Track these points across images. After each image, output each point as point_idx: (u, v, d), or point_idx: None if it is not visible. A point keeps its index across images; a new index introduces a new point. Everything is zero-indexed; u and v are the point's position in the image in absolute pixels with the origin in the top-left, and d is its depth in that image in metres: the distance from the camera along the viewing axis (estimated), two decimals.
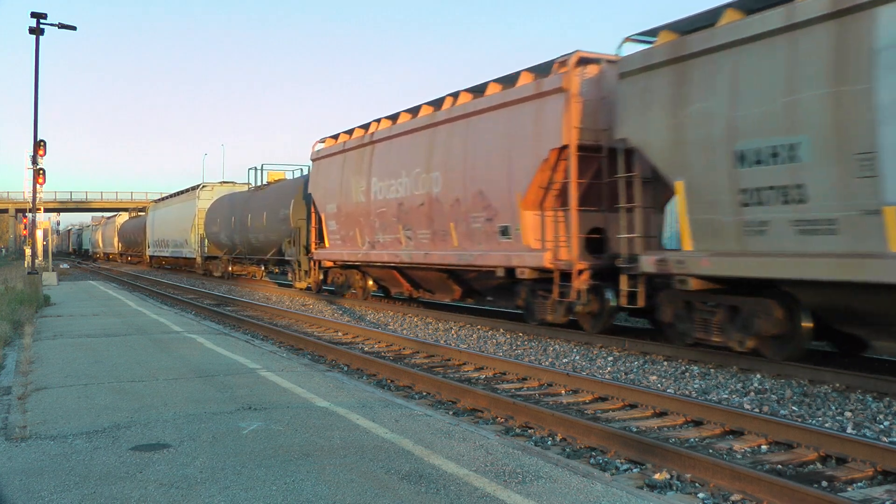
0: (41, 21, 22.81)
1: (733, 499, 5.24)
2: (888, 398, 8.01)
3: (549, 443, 6.79)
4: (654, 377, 9.62)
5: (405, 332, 14.66)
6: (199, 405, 6.92)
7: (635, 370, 10.13)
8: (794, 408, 7.88)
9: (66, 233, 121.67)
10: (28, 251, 30.86)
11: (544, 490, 4.56)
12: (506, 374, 10.12)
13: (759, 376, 9.35)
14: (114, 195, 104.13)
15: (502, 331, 14.16)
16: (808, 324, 9.43)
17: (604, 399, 8.49)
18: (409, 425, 6.18)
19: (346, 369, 10.80)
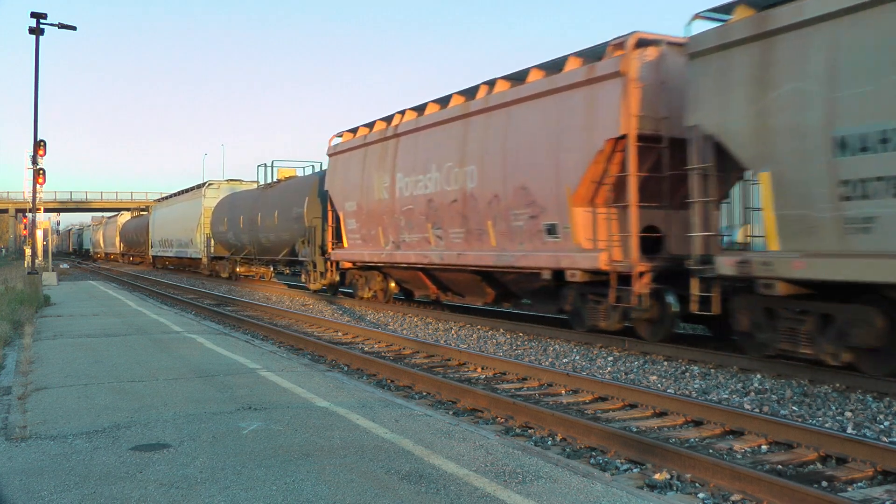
0: (41, 21, 22.83)
1: (733, 499, 5.24)
2: (888, 398, 8.02)
3: (549, 443, 6.79)
4: (654, 377, 9.63)
5: (405, 332, 14.67)
6: (199, 405, 6.92)
7: (635, 370, 10.13)
8: (794, 408, 7.89)
9: (66, 233, 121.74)
10: (28, 251, 30.88)
11: (544, 490, 4.56)
12: (506, 374, 10.13)
13: (759, 376, 9.35)
14: (114, 195, 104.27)
15: (502, 331, 14.17)
16: None
17: (604, 399, 8.49)
18: (409, 425, 6.18)
19: (346, 369, 10.80)
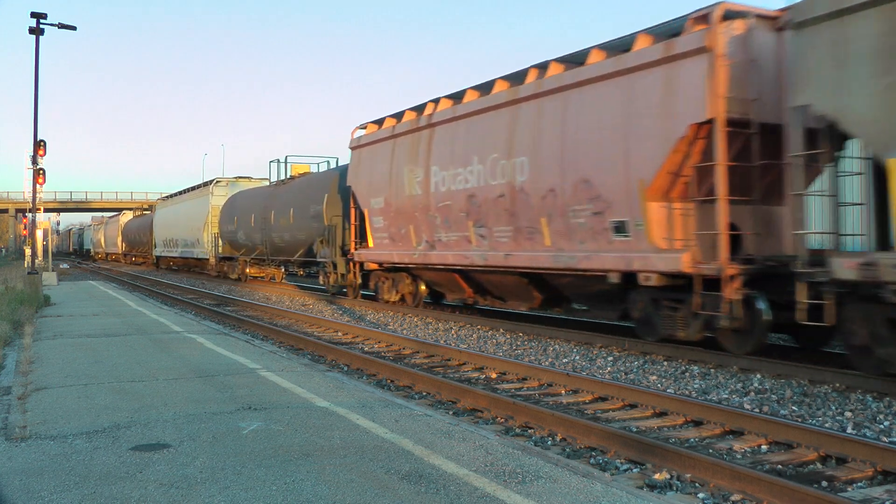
0: (41, 21, 22.84)
1: (733, 499, 5.24)
2: (888, 398, 8.02)
3: (549, 443, 6.79)
4: (654, 377, 9.63)
5: (405, 332, 14.67)
6: (199, 405, 6.92)
7: (635, 370, 10.13)
8: (794, 408, 7.89)
9: (66, 233, 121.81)
10: (28, 251, 30.89)
11: (544, 490, 4.56)
12: (506, 374, 10.12)
13: (759, 376, 9.35)
14: (114, 195, 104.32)
15: (502, 331, 14.16)
16: None
17: (604, 399, 8.49)
18: (409, 425, 6.18)
19: (346, 369, 10.80)
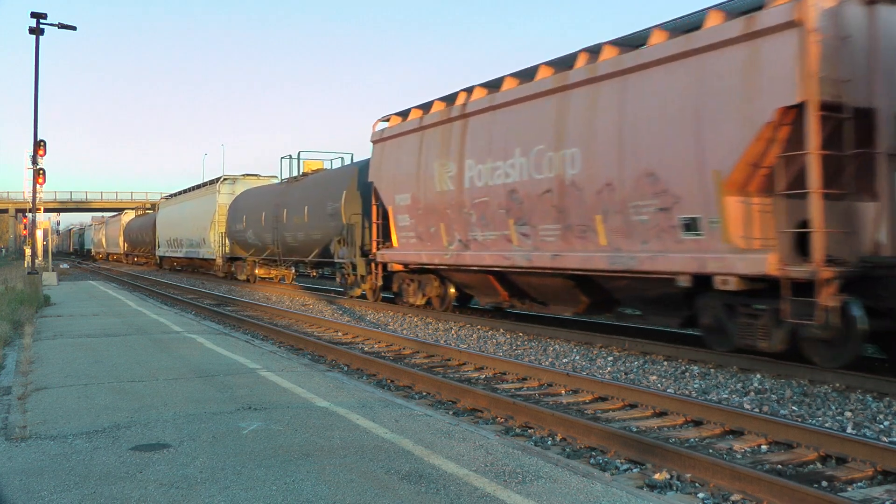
0: (41, 21, 22.86)
1: (733, 499, 5.24)
2: (888, 398, 8.01)
3: (549, 443, 6.79)
4: (654, 377, 9.63)
5: (405, 332, 14.67)
6: (199, 405, 6.92)
7: (635, 370, 10.13)
8: (794, 408, 7.89)
9: (66, 232, 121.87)
10: (28, 251, 30.90)
11: (544, 490, 4.56)
12: (506, 374, 10.12)
13: (759, 376, 9.35)
14: (114, 195, 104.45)
15: (502, 331, 14.16)
16: None
17: (604, 399, 8.49)
18: (409, 425, 6.18)
19: (346, 369, 10.80)
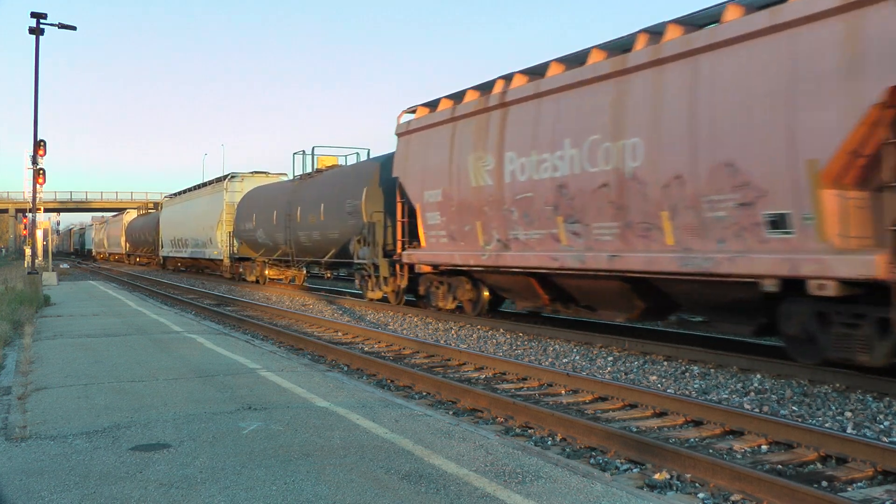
0: (41, 21, 22.88)
1: (733, 499, 5.24)
2: (888, 398, 8.01)
3: (549, 443, 6.79)
4: (654, 377, 9.63)
5: (405, 332, 14.66)
6: (199, 405, 6.92)
7: (635, 370, 10.13)
8: (794, 408, 7.89)
9: (67, 232, 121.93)
10: (28, 251, 30.91)
11: (544, 490, 4.56)
12: (506, 374, 10.12)
13: (759, 376, 9.35)
14: (114, 195, 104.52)
15: (502, 331, 14.16)
16: None
17: (604, 399, 8.49)
18: (409, 425, 6.18)
19: (346, 369, 10.80)
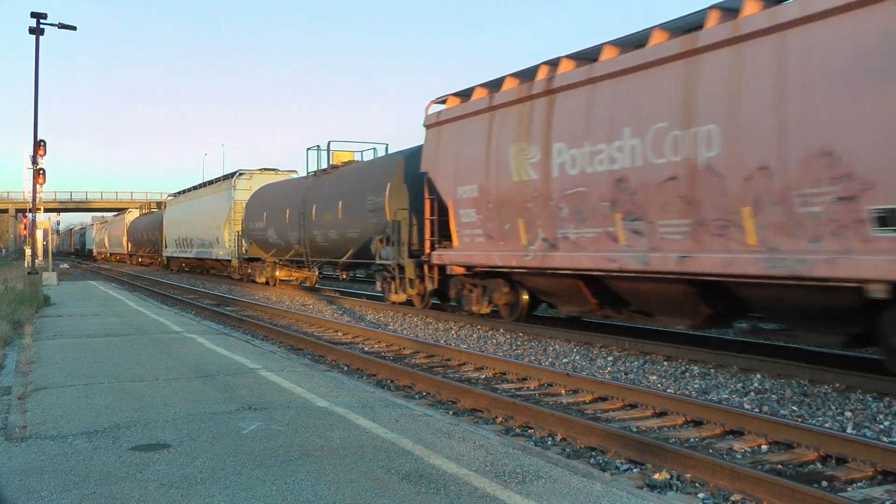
0: (41, 21, 22.89)
1: (733, 499, 5.24)
2: (888, 398, 8.01)
3: (549, 443, 6.79)
4: (654, 377, 9.63)
5: (405, 332, 14.66)
6: (199, 405, 6.92)
7: (635, 370, 10.13)
8: (794, 408, 7.89)
9: (67, 232, 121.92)
10: (28, 251, 30.91)
11: (544, 490, 4.56)
12: (506, 374, 10.12)
13: (759, 376, 9.35)
14: (114, 195, 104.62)
15: (502, 331, 14.16)
16: None
17: (604, 399, 8.49)
18: (409, 425, 6.18)
19: (346, 369, 10.80)
